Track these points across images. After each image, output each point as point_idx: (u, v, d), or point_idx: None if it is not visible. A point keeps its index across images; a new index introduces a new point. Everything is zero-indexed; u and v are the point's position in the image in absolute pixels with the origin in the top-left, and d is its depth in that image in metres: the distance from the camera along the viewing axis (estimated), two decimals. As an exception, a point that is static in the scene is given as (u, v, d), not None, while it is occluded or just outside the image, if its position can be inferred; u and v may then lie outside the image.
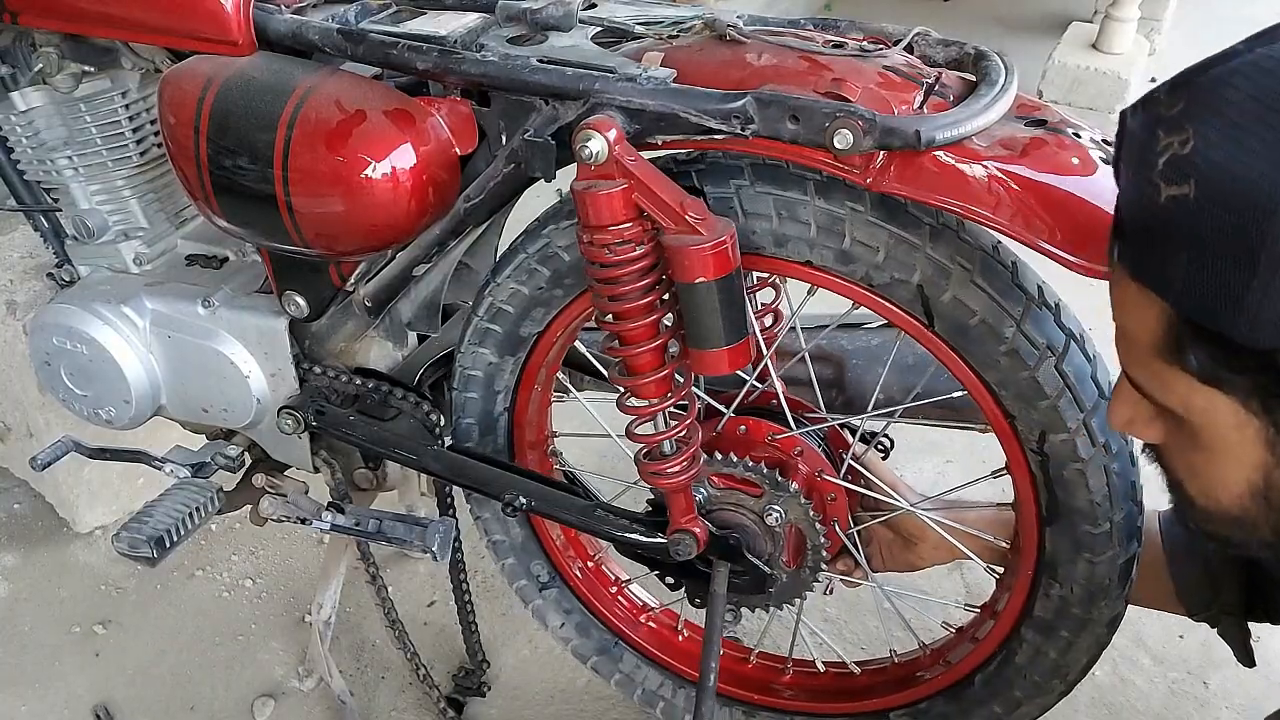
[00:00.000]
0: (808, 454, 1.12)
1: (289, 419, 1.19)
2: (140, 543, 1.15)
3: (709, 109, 0.84)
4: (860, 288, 0.91)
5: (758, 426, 1.13)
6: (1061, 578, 0.97)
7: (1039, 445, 0.91)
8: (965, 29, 3.90)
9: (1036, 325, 0.87)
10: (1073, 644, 1.00)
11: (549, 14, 0.95)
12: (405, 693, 1.50)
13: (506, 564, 1.30)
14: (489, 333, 1.08)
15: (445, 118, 0.97)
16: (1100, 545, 0.93)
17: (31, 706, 1.50)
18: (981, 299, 0.87)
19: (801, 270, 0.93)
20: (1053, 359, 0.87)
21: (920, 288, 0.88)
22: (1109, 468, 0.90)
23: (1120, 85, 3.06)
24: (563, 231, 0.99)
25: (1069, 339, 0.88)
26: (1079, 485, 0.91)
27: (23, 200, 1.24)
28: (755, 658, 1.29)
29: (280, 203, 0.97)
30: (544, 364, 1.11)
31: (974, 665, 1.09)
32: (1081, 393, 0.88)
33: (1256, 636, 1.12)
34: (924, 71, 0.89)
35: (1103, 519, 0.92)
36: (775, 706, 1.26)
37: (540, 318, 1.06)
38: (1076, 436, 0.89)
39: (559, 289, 1.03)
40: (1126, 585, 0.97)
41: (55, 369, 1.23)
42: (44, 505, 1.81)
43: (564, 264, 1.00)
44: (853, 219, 0.87)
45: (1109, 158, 0.83)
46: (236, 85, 0.97)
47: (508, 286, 1.04)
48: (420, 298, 1.11)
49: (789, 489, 1.06)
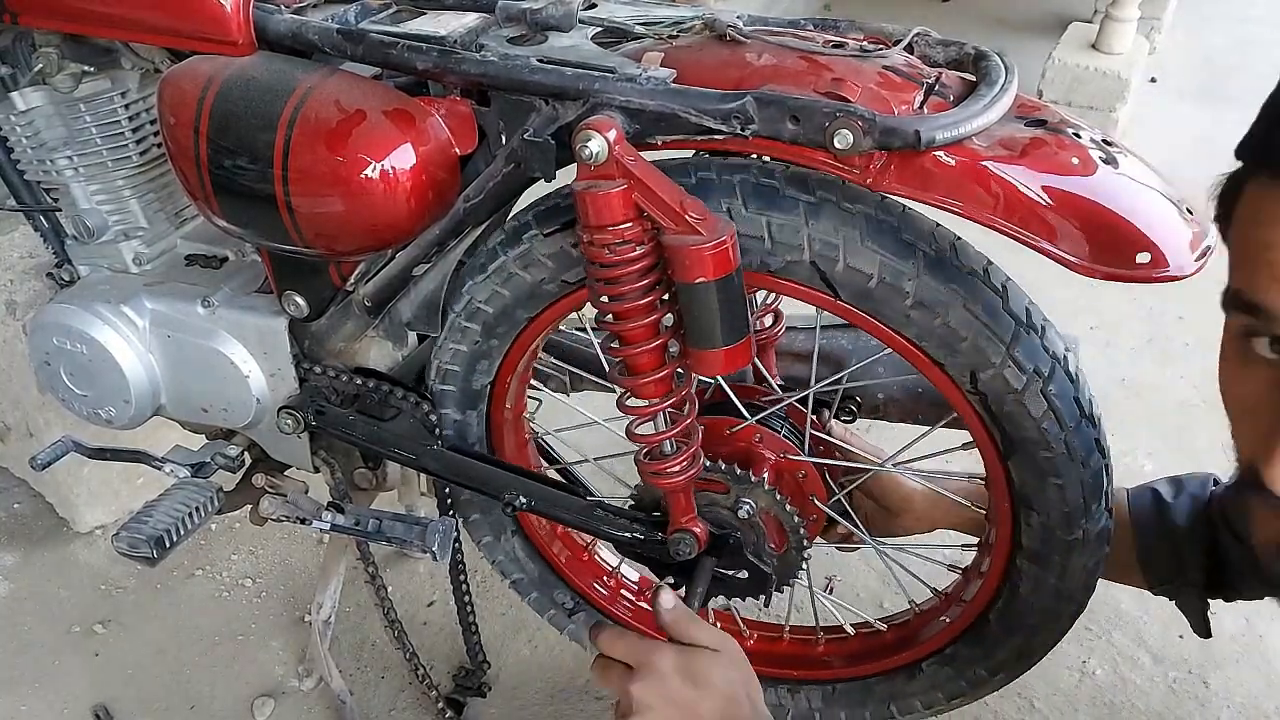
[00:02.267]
0: (767, 439, 1.13)
1: (289, 419, 1.19)
2: (140, 542, 1.15)
3: (709, 109, 0.84)
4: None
5: (714, 424, 1.14)
6: (1037, 506, 0.98)
7: (973, 385, 0.92)
8: (965, 29, 3.91)
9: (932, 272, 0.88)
10: (1068, 566, 1.01)
11: (549, 14, 0.95)
12: (405, 692, 1.50)
13: (531, 598, 1.33)
14: (446, 393, 1.13)
15: (445, 118, 0.97)
16: (1062, 467, 0.94)
17: (31, 705, 1.50)
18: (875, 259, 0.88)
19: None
20: (960, 299, 0.88)
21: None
22: (1046, 391, 0.91)
23: (1120, 85, 3.05)
24: (480, 285, 1.02)
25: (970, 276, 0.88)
26: (1022, 415, 0.92)
27: (23, 200, 1.24)
28: (788, 635, 1.31)
29: (280, 203, 0.97)
30: (504, 421, 1.16)
31: (985, 602, 1.10)
32: (997, 327, 0.88)
33: (1213, 611, 1.16)
34: (924, 71, 0.89)
35: (1055, 442, 0.93)
36: (815, 679, 1.28)
37: (487, 369, 1.10)
38: (1004, 369, 0.90)
39: (494, 339, 1.07)
40: (1103, 498, 0.97)
41: (55, 369, 1.23)
42: (44, 505, 1.81)
43: (490, 316, 1.04)
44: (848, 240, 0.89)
45: (1109, 157, 0.84)
46: (236, 85, 0.97)
47: (448, 348, 1.09)
48: (420, 298, 1.11)
49: (749, 479, 1.07)
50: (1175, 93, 3.56)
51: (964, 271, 0.88)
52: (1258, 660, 1.52)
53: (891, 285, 0.88)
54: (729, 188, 0.90)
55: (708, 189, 0.90)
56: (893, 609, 1.41)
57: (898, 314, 0.90)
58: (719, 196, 0.90)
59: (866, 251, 0.87)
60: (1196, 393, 2.08)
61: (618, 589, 1.34)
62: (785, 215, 0.88)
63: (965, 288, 0.88)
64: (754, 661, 1.29)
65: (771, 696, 1.30)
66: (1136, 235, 0.79)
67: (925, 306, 0.88)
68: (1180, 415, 2.02)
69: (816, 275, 0.90)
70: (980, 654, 1.13)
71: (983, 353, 0.90)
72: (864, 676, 1.24)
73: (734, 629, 1.32)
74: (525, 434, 1.24)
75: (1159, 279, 0.79)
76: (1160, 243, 0.79)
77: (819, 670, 1.28)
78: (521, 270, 1.00)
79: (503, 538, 1.28)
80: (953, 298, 0.88)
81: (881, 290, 0.89)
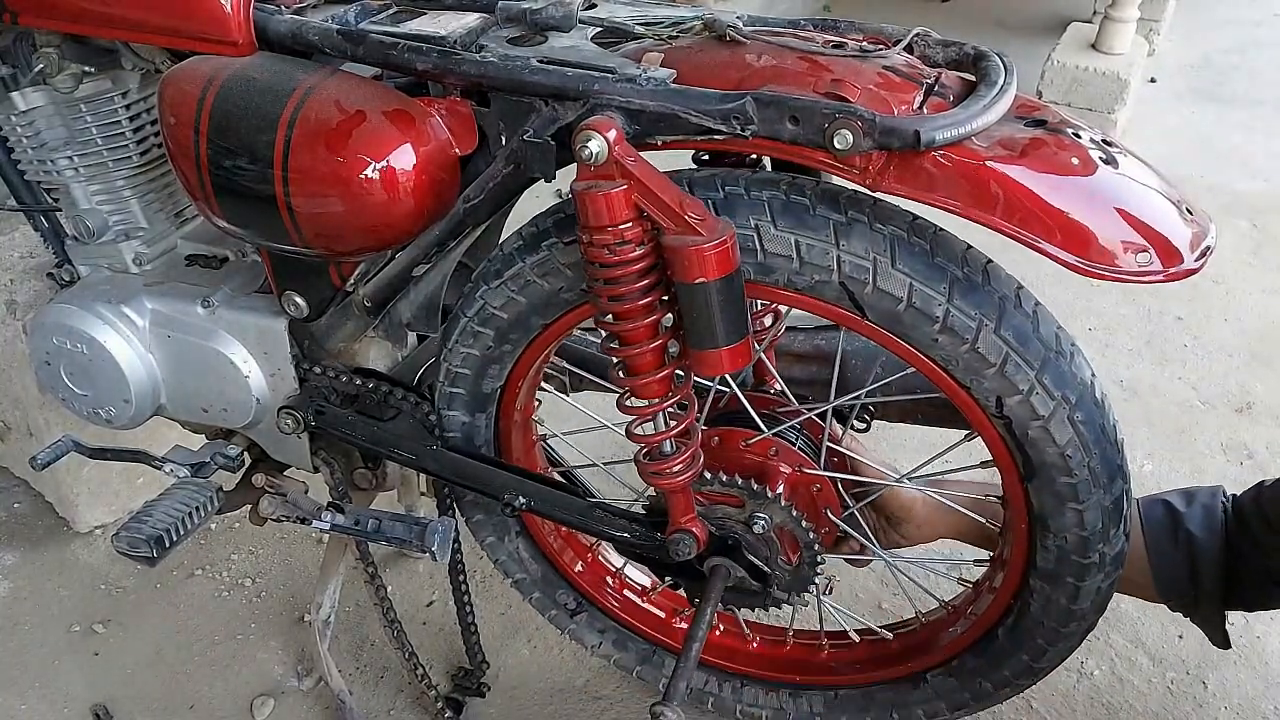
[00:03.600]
0: (784, 452, 1.12)
1: (288, 419, 1.19)
2: (140, 542, 1.15)
3: (709, 109, 0.84)
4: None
5: (729, 435, 1.13)
6: (1054, 528, 0.97)
7: (998, 409, 0.91)
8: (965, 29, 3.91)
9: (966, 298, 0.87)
10: (1081, 588, 1.00)
11: (549, 14, 0.95)
12: (404, 692, 1.50)
13: (533, 598, 1.33)
14: (455, 396, 1.12)
15: (445, 118, 0.97)
16: (1083, 492, 0.93)
17: (31, 705, 1.50)
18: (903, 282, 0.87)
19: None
20: (991, 326, 0.87)
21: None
22: (1073, 418, 0.90)
23: (1119, 86, 3.05)
24: (495, 291, 1.01)
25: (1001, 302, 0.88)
26: (1046, 441, 0.91)
27: (23, 200, 1.24)
28: (791, 639, 1.31)
29: (280, 203, 0.97)
30: (513, 424, 1.15)
31: (995, 618, 1.10)
32: (1027, 353, 0.88)
33: (1230, 622, 1.13)
34: (924, 72, 0.89)
35: (1078, 468, 0.92)
36: (818, 684, 1.28)
37: (497, 374, 1.09)
38: (1031, 396, 0.89)
39: (507, 345, 1.05)
40: (1121, 522, 0.97)
41: (55, 369, 1.23)
42: (44, 504, 1.81)
43: (504, 322, 1.03)
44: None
45: (1109, 158, 0.84)
46: (237, 86, 0.97)
47: (458, 351, 1.08)
48: (420, 298, 1.11)
49: (766, 495, 1.07)
50: (1175, 93, 3.56)
51: (995, 296, 0.87)
52: (1255, 661, 1.53)
53: (920, 310, 0.87)
54: (758, 204, 0.89)
55: (735, 204, 0.89)
56: (891, 610, 1.42)
57: (925, 337, 0.89)
58: (747, 212, 0.89)
59: (897, 274, 0.86)
60: (1195, 393, 2.08)
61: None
62: (815, 235, 0.87)
63: (996, 313, 0.87)
64: (756, 665, 1.31)
65: (773, 700, 1.30)
66: (1136, 235, 0.79)
67: (954, 332, 0.87)
68: (1180, 416, 2.02)
69: (845, 296, 0.89)
70: (986, 667, 1.13)
71: (1010, 379, 0.88)
72: (867, 684, 1.24)
73: (736, 633, 1.33)
74: (533, 436, 1.24)
75: (1159, 279, 0.79)
76: (1160, 243, 0.79)
77: (822, 676, 1.28)
78: (539, 278, 0.98)
79: (506, 538, 1.28)
80: (983, 323, 0.87)
81: (910, 314, 0.88)
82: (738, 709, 1.33)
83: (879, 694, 1.23)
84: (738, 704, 1.32)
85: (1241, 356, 2.20)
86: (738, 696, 1.32)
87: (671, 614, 1.35)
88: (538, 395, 1.21)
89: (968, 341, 0.87)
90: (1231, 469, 1.89)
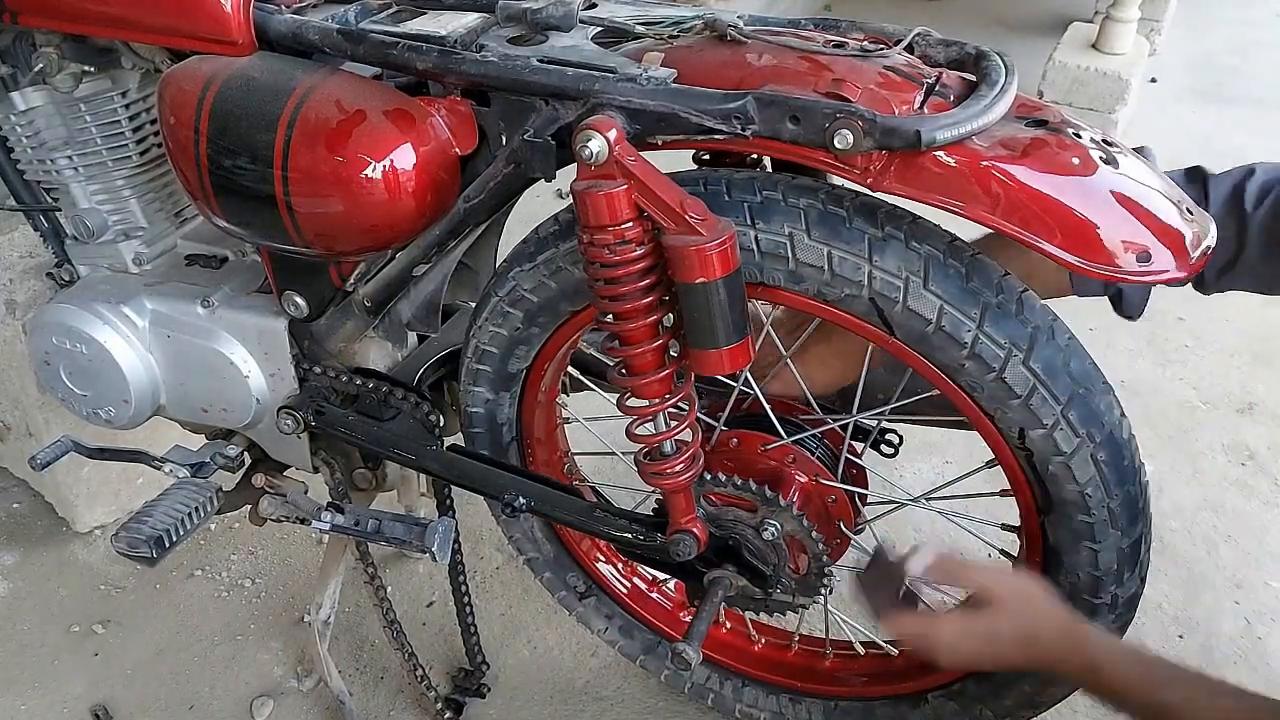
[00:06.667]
0: (802, 461, 1.11)
1: (288, 419, 1.19)
2: (139, 542, 1.14)
3: (709, 109, 0.84)
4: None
5: (748, 439, 1.13)
6: (1067, 565, 0.97)
7: (1020, 440, 0.91)
8: (965, 29, 3.91)
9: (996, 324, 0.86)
10: None
11: (549, 14, 0.95)
12: (403, 693, 1.50)
13: (544, 577, 1.33)
14: (480, 373, 1.11)
15: (445, 118, 0.97)
16: (1099, 532, 0.93)
17: (30, 705, 1.50)
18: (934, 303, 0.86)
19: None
20: (1020, 356, 0.86)
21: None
22: (1096, 457, 0.89)
23: (1120, 86, 3.05)
24: (527, 274, 1.01)
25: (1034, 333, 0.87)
26: (1067, 477, 0.91)
27: (23, 200, 1.24)
28: (797, 645, 1.31)
29: (280, 203, 0.97)
30: (536, 404, 1.15)
31: None
32: (1055, 387, 0.87)
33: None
34: (924, 71, 0.89)
35: (1097, 508, 0.91)
36: (819, 693, 1.27)
37: (524, 354, 1.08)
38: (1055, 431, 0.88)
39: (535, 328, 1.05)
40: (1138, 566, 0.96)
41: (55, 368, 1.23)
42: (43, 505, 1.81)
43: (534, 305, 1.02)
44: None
45: (1109, 158, 0.84)
46: (236, 85, 0.97)
47: (487, 330, 1.07)
48: (420, 298, 1.11)
49: (780, 503, 1.06)
50: (1175, 93, 3.56)
51: (1028, 327, 0.86)
52: (1256, 662, 1.52)
53: (949, 334, 0.86)
54: (794, 212, 0.88)
55: (771, 211, 0.89)
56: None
57: (952, 361, 0.88)
58: (782, 220, 0.88)
59: (929, 295, 0.86)
60: (1197, 394, 2.08)
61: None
62: (849, 247, 0.87)
63: (1027, 343, 0.86)
64: (759, 668, 1.30)
65: (773, 704, 1.30)
66: (1137, 235, 0.79)
67: (981, 359, 0.86)
68: (1181, 416, 2.02)
69: (874, 312, 0.89)
70: (989, 694, 1.12)
71: (1035, 412, 0.88)
72: (869, 698, 1.23)
73: (742, 632, 1.32)
74: (557, 418, 1.23)
75: (1159, 279, 0.79)
76: (1160, 243, 0.79)
77: (824, 685, 1.27)
78: (572, 265, 0.98)
79: (522, 514, 1.28)
80: (1012, 353, 0.86)
81: (938, 337, 0.87)
82: (737, 709, 1.33)
83: (879, 709, 1.22)
84: (738, 703, 1.33)
85: (1243, 357, 2.19)
86: (738, 696, 1.32)
87: (679, 606, 1.36)
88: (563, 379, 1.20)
89: (995, 370, 0.87)
90: (1233, 470, 1.89)
